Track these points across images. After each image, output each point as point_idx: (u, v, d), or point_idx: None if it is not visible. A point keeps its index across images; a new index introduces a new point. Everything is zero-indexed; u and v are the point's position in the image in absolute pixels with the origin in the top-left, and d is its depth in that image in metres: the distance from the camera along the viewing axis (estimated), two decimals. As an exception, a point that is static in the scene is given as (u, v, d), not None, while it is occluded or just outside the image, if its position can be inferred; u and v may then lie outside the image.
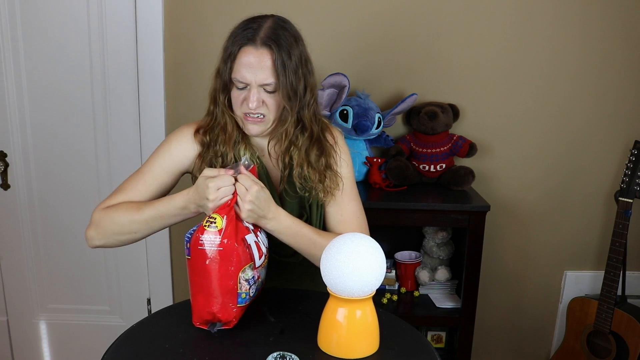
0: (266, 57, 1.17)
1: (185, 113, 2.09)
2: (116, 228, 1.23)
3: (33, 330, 2.31)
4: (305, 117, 1.25)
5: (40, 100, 2.08)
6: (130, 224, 1.23)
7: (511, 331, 2.33)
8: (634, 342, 1.89)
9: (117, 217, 1.23)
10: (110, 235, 1.24)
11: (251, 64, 1.17)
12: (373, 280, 1.03)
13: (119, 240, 1.25)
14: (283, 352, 1.03)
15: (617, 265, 1.92)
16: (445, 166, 2.04)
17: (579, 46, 2.04)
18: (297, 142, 1.26)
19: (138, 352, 1.08)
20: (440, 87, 2.08)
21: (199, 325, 1.14)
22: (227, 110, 1.25)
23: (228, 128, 1.26)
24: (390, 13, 2.02)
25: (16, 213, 2.17)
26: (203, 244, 1.09)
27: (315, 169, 1.28)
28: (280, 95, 1.19)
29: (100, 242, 1.25)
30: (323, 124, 1.33)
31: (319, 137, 1.29)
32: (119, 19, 2.00)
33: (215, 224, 1.09)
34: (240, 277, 1.12)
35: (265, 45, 1.16)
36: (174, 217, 1.22)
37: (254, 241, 1.15)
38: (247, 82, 1.18)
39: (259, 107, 1.20)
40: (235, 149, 1.29)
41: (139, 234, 1.24)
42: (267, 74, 1.17)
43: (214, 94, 1.26)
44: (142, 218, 1.22)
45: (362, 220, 1.35)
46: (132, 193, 1.28)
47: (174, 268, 2.27)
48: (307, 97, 1.24)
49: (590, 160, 2.15)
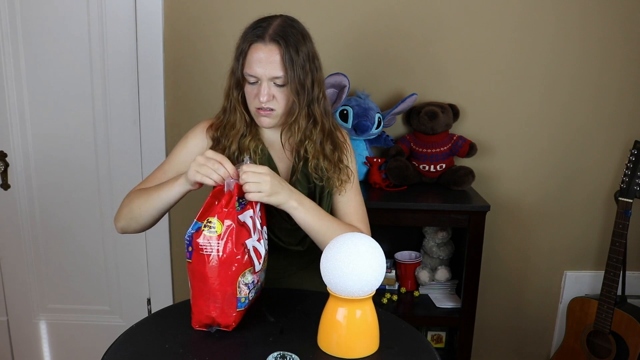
0: (275, 52, 1.23)
1: (185, 113, 2.09)
2: (127, 211, 1.31)
3: (33, 330, 2.31)
4: (316, 111, 1.31)
5: (40, 100, 2.08)
6: (139, 206, 1.29)
7: (511, 331, 2.33)
8: (634, 342, 1.89)
9: (133, 198, 1.32)
10: (126, 218, 1.32)
11: (261, 59, 1.23)
12: (373, 280, 1.03)
13: (135, 222, 1.31)
14: (283, 352, 1.03)
15: (617, 265, 1.92)
16: (445, 166, 2.04)
17: (579, 46, 2.04)
18: (312, 136, 1.32)
19: (138, 352, 1.08)
20: (440, 87, 2.08)
21: (198, 328, 1.15)
22: (239, 107, 1.32)
23: (236, 124, 1.33)
24: (391, 13, 2.02)
25: (16, 213, 2.17)
26: (203, 249, 1.09)
27: (330, 162, 1.34)
28: (289, 89, 1.25)
29: (121, 225, 1.33)
30: (334, 121, 1.40)
31: (331, 131, 1.36)
32: (119, 18, 2.00)
33: (214, 228, 1.09)
34: (240, 282, 1.12)
35: (274, 41, 1.23)
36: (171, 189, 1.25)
37: (253, 246, 1.15)
38: (257, 76, 1.24)
39: (269, 100, 1.26)
40: (243, 142, 1.34)
41: (146, 214, 1.29)
42: (276, 68, 1.23)
43: (228, 91, 1.33)
44: (146, 196, 1.28)
45: (365, 214, 1.43)
46: (152, 182, 1.35)
47: (174, 268, 2.26)
48: (316, 92, 1.30)
49: (590, 160, 2.15)
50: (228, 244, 1.09)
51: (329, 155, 1.34)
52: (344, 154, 1.39)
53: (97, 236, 2.22)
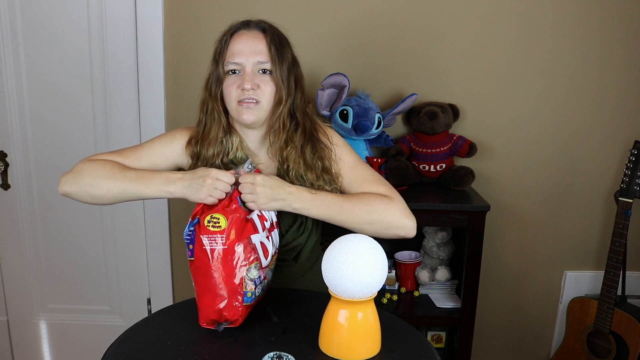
0: (260, 37, 1.20)
1: (185, 113, 2.09)
2: (90, 179, 1.22)
3: (33, 330, 2.31)
4: (298, 109, 1.27)
5: (41, 100, 2.07)
6: (106, 179, 1.21)
7: (511, 331, 2.33)
8: (634, 342, 1.90)
9: (99, 168, 1.23)
10: (82, 184, 1.22)
11: (245, 43, 1.20)
12: (374, 282, 1.03)
13: (87, 193, 1.23)
14: (280, 352, 1.03)
15: (617, 265, 1.92)
16: (445, 166, 2.04)
17: (579, 46, 2.04)
18: (294, 139, 1.27)
19: (138, 352, 1.08)
20: (440, 87, 2.08)
21: (205, 326, 1.14)
22: (218, 106, 1.27)
23: (212, 129, 1.28)
24: (391, 13, 2.02)
25: (16, 213, 2.17)
26: (206, 245, 1.09)
27: (312, 169, 1.28)
28: (274, 78, 1.21)
29: (70, 189, 1.23)
30: (313, 122, 1.34)
31: (311, 133, 1.30)
32: (119, 19, 2.00)
33: (219, 224, 1.09)
34: (246, 277, 1.12)
35: (259, 27, 1.21)
36: (152, 189, 1.20)
37: (260, 241, 1.15)
38: (240, 62, 1.20)
39: (253, 88, 1.20)
40: (231, 154, 1.30)
41: (108, 194, 1.22)
42: (262, 52, 1.20)
43: (203, 101, 1.30)
44: (122, 177, 1.21)
45: (379, 176, 1.35)
46: (125, 160, 1.28)
47: (174, 268, 2.26)
48: (299, 94, 1.27)
49: (590, 160, 2.15)
50: (231, 236, 1.10)
51: (309, 161, 1.28)
52: (328, 159, 1.31)
53: (97, 236, 2.22)
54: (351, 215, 1.23)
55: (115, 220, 2.20)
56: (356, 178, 1.33)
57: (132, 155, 1.30)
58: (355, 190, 1.31)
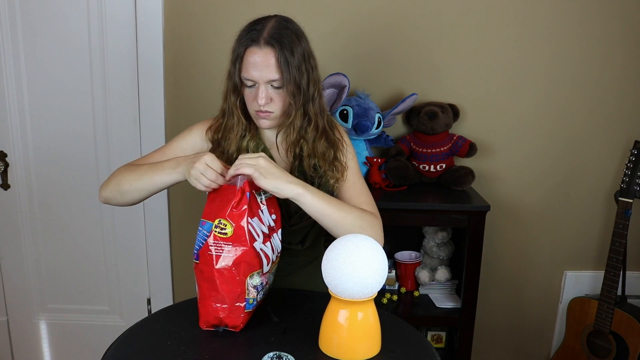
0: (270, 55, 1.23)
1: (185, 113, 2.09)
2: (117, 179, 1.31)
3: (33, 330, 2.31)
4: (311, 110, 1.31)
5: (40, 100, 2.07)
6: (128, 174, 1.30)
7: (511, 331, 2.33)
8: (634, 342, 1.90)
9: (124, 168, 1.33)
10: (113, 184, 1.31)
11: (257, 63, 1.24)
12: (374, 282, 1.03)
13: (117, 191, 1.31)
14: (279, 352, 1.03)
15: (617, 265, 1.92)
16: (445, 166, 2.04)
17: (579, 46, 2.04)
18: (306, 135, 1.33)
19: (138, 352, 1.08)
20: (440, 87, 2.08)
21: (205, 328, 1.15)
22: (237, 111, 1.33)
23: (234, 127, 1.34)
24: (391, 13, 2.02)
25: (16, 213, 2.17)
26: (212, 250, 1.09)
27: (324, 160, 1.34)
28: (286, 90, 1.26)
29: (105, 193, 1.33)
30: (330, 119, 1.40)
31: (325, 129, 1.36)
32: (119, 18, 1.99)
33: (225, 230, 1.09)
34: (248, 284, 1.12)
35: (269, 44, 1.23)
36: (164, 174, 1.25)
37: (261, 248, 1.14)
38: (254, 79, 1.25)
39: (267, 103, 1.27)
40: (241, 143, 1.36)
41: (131, 187, 1.29)
42: (272, 71, 1.24)
43: (226, 94, 1.34)
44: (139, 169, 1.29)
45: (371, 197, 1.40)
46: (151, 160, 1.36)
47: (174, 268, 2.26)
48: (312, 91, 1.30)
49: (590, 160, 2.15)
50: (237, 245, 1.09)
51: (323, 153, 1.34)
52: (340, 150, 1.39)
53: (97, 236, 2.22)
54: (341, 215, 1.25)
55: (115, 220, 2.20)
56: (356, 185, 1.40)
57: (157, 155, 1.38)
58: (351, 195, 1.38)
